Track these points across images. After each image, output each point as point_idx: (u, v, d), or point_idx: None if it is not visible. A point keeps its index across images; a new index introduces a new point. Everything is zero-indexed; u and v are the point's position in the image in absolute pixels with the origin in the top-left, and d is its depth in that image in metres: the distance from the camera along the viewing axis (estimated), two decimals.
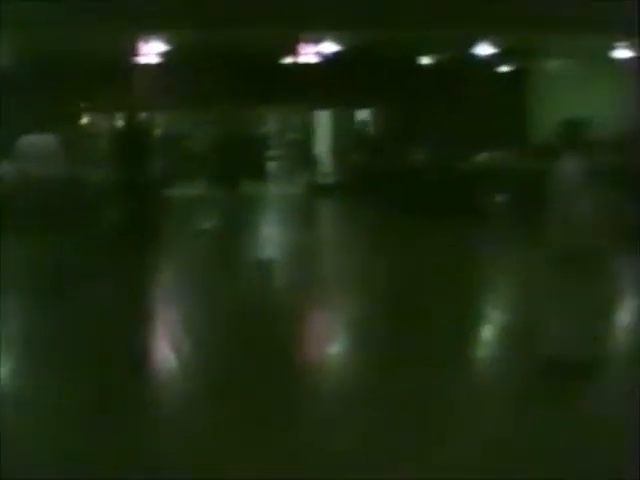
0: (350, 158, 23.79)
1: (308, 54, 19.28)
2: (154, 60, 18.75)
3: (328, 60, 19.54)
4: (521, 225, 15.05)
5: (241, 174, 22.72)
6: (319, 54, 19.25)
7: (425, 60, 23.15)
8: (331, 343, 9.32)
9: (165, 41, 17.91)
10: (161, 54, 18.54)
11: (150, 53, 18.42)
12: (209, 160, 22.95)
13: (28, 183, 14.06)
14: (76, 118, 22.64)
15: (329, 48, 18.90)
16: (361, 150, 22.78)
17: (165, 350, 8.89)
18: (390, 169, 19.79)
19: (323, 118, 26.19)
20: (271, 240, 16.70)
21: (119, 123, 19.04)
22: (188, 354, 8.63)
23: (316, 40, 18.55)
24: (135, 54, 18.35)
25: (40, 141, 15.09)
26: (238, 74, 21.69)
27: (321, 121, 26.30)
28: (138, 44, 17.93)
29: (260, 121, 26.87)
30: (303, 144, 26.51)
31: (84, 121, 23.34)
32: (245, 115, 25.16)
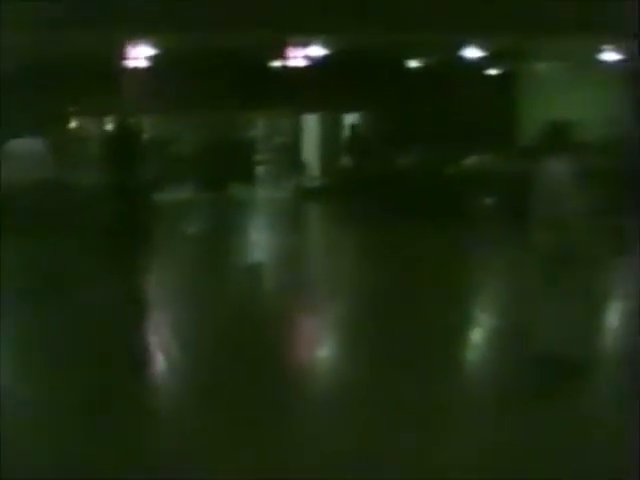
0: (338, 162, 23.81)
1: (296, 58, 19.29)
2: (143, 64, 18.73)
3: (316, 64, 19.56)
4: (510, 227, 15.04)
5: (229, 178, 22.79)
6: (307, 57, 19.26)
7: (413, 63, 23.23)
8: (320, 346, 9.36)
9: (154, 45, 17.91)
10: (150, 58, 18.54)
11: (139, 57, 18.41)
12: (198, 164, 23.00)
13: (16, 187, 14.02)
14: (64, 122, 22.60)
15: (317, 52, 18.93)
16: (349, 153, 22.76)
17: (156, 352, 8.89)
18: (378, 172, 19.80)
19: (311, 122, 26.19)
20: (260, 244, 16.68)
21: (108, 127, 19.03)
22: (177, 357, 8.64)
23: (304, 44, 18.56)
24: (124, 58, 18.33)
25: (28, 145, 15.05)
26: (226, 78, 21.67)
27: (309, 125, 26.30)
28: (127, 48, 17.92)
29: (248, 125, 26.82)
30: (291, 148, 26.47)
31: (72, 125, 23.29)
32: (233, 119, 25.19)
